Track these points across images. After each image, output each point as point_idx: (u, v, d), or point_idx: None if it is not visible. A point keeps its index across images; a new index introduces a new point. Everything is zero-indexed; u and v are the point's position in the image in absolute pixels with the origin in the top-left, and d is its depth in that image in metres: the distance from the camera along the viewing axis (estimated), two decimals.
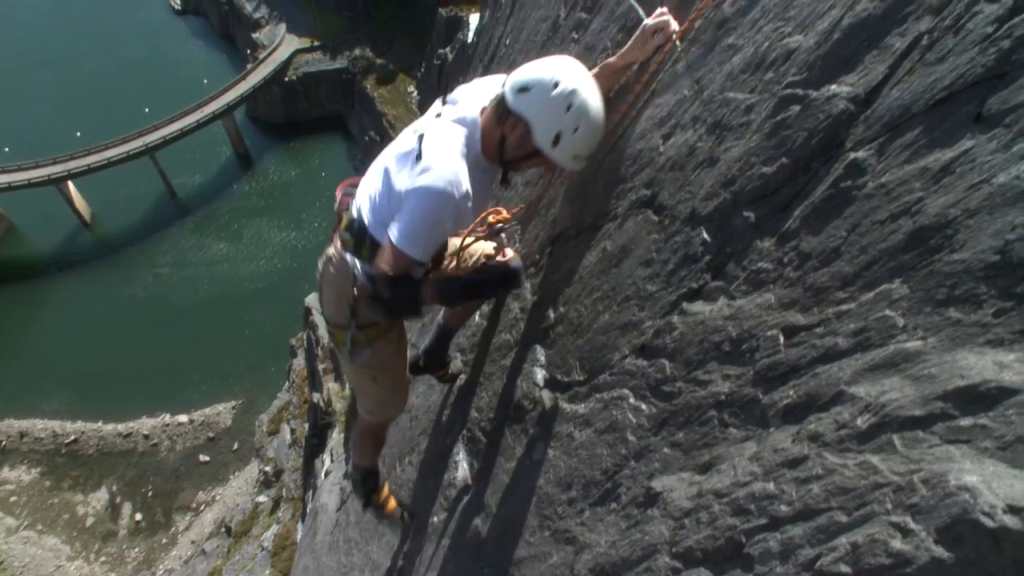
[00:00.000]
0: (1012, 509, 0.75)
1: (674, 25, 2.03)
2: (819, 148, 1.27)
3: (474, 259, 2.60)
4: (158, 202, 41.46)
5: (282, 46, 46.31)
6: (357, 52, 44.11)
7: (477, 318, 3.14)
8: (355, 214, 2.18)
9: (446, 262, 2.50)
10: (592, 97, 1.90)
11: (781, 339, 1.21)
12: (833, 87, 1.28)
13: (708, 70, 1.79)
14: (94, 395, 31.38)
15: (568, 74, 1.89)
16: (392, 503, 3.31)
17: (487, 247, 2.62)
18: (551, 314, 2.29)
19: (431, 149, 1.95)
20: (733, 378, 1.31)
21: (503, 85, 1.98)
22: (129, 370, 32.19)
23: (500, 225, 2.59)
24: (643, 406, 1.60)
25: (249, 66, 45.43)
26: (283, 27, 47.82)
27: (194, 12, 58.38)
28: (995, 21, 1.01)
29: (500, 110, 1.97)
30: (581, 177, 2.33)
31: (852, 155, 1.18)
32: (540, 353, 2.32)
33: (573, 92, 1.87)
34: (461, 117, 2.05)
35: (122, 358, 32.70)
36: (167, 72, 49.72)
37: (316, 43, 46.30)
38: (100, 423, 30.25)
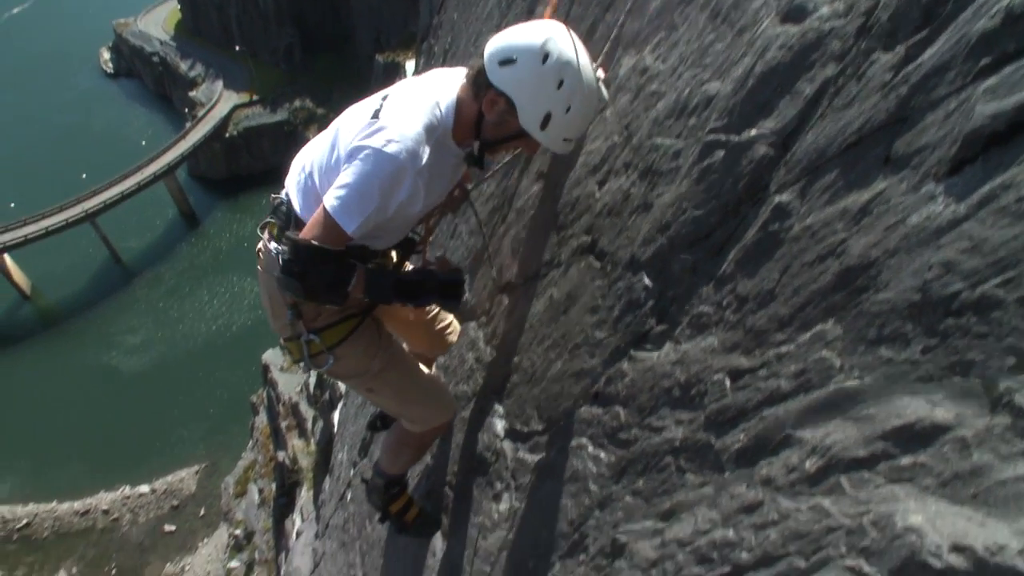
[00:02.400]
0: (956, 548, 0.76)
1: (600, 73, 2.08)
2: (746, 192, 1.31)
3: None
4: (102, 268, 40.32)
5: (220, 103, 46.11)
6: (297, 103, 44.17)
7: (434, 369, 3.10)
8: (283, 195, 1.92)
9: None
10: (586, 70, 1.67)
11: (727, 383, 1.23)
12: (753, 132, 1.33)
13: (635, 116, 1.83)
14: (46, 474, 29.91)
15: (559, 42, 1.61)
16: (414, 510, 2.74)
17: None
18: (505, 364, 2.28)
19: (392, 110, 1.68)
20: (686, 423, 1.32)
21: (482, 54, 1.70)
22: (83, 444, 30.83)
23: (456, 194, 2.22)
24: (602, 454, 1.59)
25: (188, 124, 44.97)
26: (220, 84, 47.65)
27: (127, 74, 57.68)
28: (891, 69, 1.06)
29: (478, 83, 1.71)
30: (523, 225, 2.35)
31: (777, 198, 1.22)
32: (498, 404, 2.30)
33: (566, 64, 1.61)
34: (433, 89, 1.79)
35: (75, 432, 31.32)
36: (103, 136, 48.87)
37: (255, 97, 46.22)
38: (54, 503, 28.74)
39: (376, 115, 1.68)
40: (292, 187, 1.91)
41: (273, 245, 1.90)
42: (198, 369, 33.59)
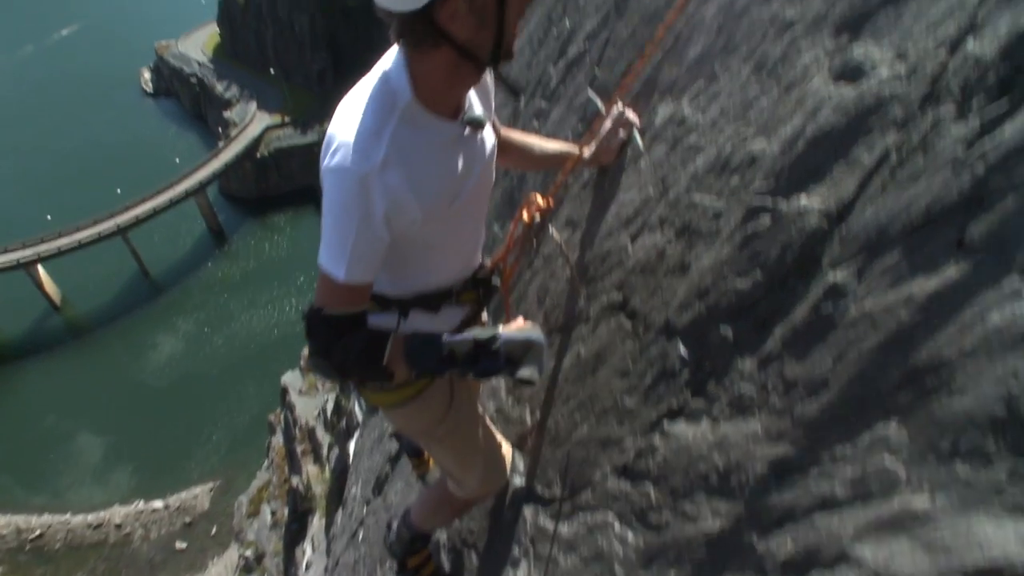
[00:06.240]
0: None
1: (633, 119, 2.01)
2: (795, 264, 1.21)
3: None
4: (131, 282, 41.08)
5: (253, 123, 47.17)
6: (327, 126, 44.91)
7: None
8: None
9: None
10: None
11: (772, 477, 1.12)
12: (803, 199, 1.23)
13: (672, 169, 1.74)
14: (63, 485, 30.24)
15: None
16: (430, 567, 2.60)
17: None
18: (527, 418, 2.18)
19: (337, 116, 1.40)
20: (723, 516, 1.20)
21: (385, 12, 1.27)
22: (102, 456, 31.18)
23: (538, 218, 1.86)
24: (630, 535, 1.48)
25: (221, 144, 45.97)
26: (254, 105, 48.75)
27: (166, 94, 59.36)
28: (964, 142, 0.96)
29: (417, 28, 1.27)
30: (550, 274, 2.27)
31: (831, 276, 1.12)
32: (518, 460, 2.20)
33: None
34: (378, 67, 1.42)
35: (94, 444, 31.73)
36: (139, 153, 50.11)
37: (287, 119, 47.17)
38: (68, 515, 28.96)
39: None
40: None
41: None
42: (219, 385, 33.86)
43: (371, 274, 1.38)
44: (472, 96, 1.55)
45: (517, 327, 1.49)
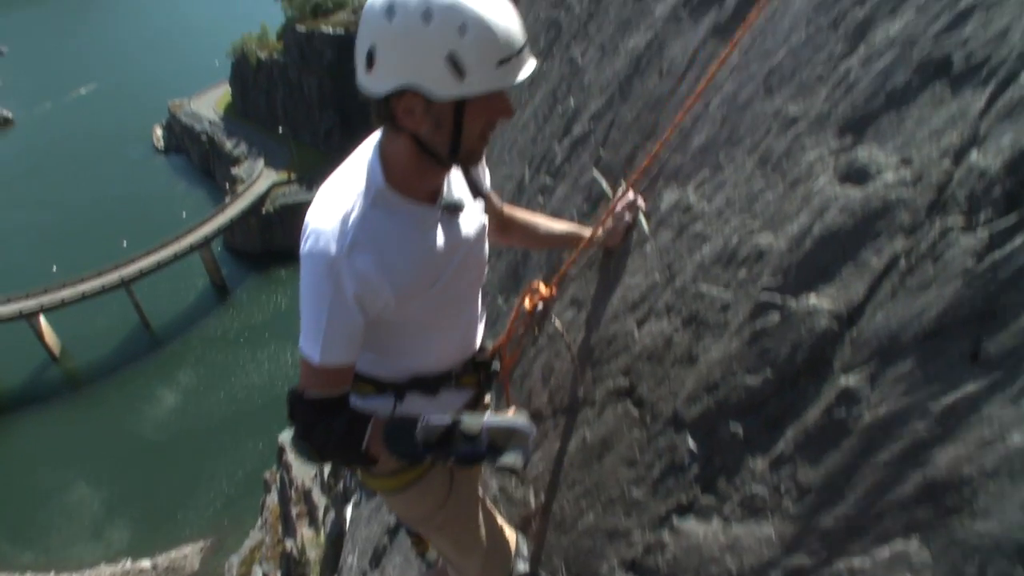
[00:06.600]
0: None
1: (639, 202, 2.04)
2: (805, 365, 1.20)
3: None
4: (132, 334, 40.96)
5: (260, 180, 47.98)
6: None
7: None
8: None
9: None
10: None
11: None
12: (812, 299, 1.23)
13: (678, 256, 1.76)
14: (53, 541, 29.41)
15: None
16: None
17: None
18: (531, 500, 2.13)
19: (311, 208, 1.40)
20: None
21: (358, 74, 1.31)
22: (93, 511, 30.46)
23: (541, 306, 1.93)
24: None
25: (227, 199, 46.67)
26: (261, 162, 49.71)
27: (176, 150, 60.58)
28: (973, 254, 0.97)
29: (379, 112, 1.34)
30: (554, 353, 2.25)
31: (843, 380, 1.11)
32: (522, 543, 2.14)
33: (449, 8, 1.18)
34: (357, 155, 1.47)
35: (87, 498, 31.03)
36: (147, 207, 50.77)
37: (293, 176, 48.02)
38: (52, 574, 28.01)
39: None
40: None
41: None
42: (216, 440, 33.32)
43: (348, 356, 1.39)
44: (454, 179, 1.56)
45: (503, 414, 1.46)
